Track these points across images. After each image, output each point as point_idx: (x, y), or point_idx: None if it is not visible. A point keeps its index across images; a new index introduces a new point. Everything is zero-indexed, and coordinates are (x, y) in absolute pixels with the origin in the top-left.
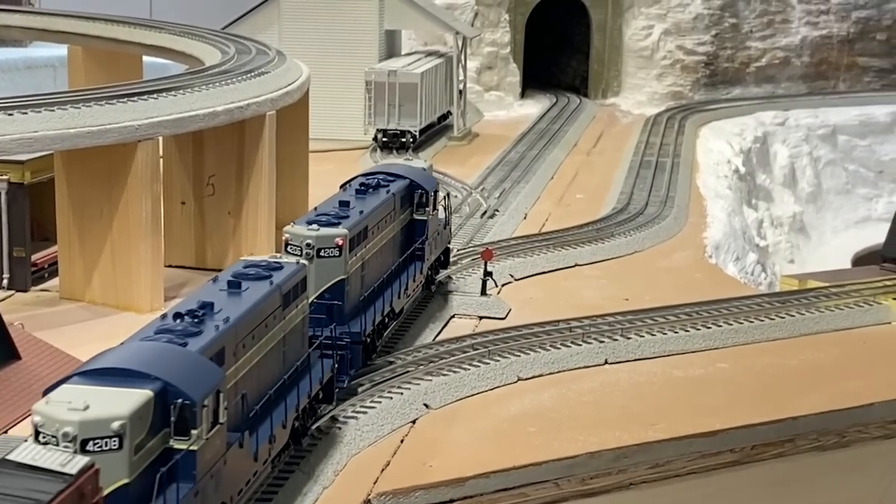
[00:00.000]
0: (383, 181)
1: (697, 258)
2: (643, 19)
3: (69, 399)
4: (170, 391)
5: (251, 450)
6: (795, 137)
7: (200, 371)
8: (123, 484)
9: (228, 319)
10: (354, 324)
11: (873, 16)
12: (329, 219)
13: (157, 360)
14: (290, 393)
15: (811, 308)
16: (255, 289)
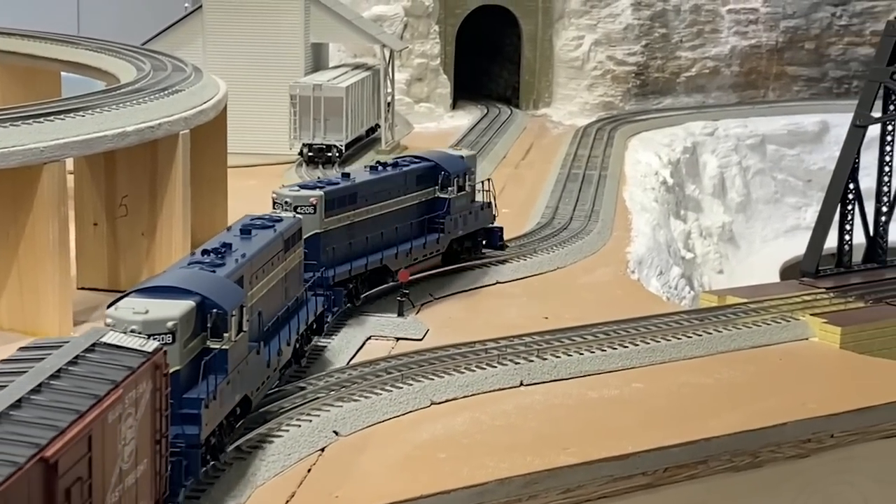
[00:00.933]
0: (403, 162)
1: (619, 274)
2: (574, 30)
3: (132, 306)
4: (206, 303)
5: (265, 357)
6: (725, 147)
7: (228, 290)
8: (175, 370)
9: (245, 255)
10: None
11: (801, 25)
12: (319, 184)
13: (196, 280)
14: (292, 319)
15: (729, 325)
16: (262, 235)
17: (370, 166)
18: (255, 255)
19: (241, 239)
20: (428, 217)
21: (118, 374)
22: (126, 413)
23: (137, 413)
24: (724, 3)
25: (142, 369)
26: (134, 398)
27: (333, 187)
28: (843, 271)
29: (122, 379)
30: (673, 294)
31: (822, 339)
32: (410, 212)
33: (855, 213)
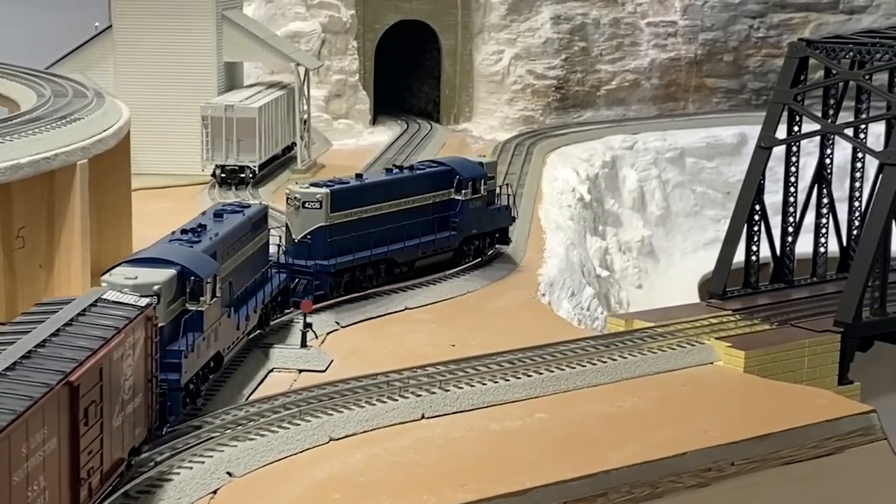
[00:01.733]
0: (419, 166)
1: (530, 297)
2: (493, 44)
3: (124, 273)
4: (186, 272)
5: (235, 321)
6: (644, 161)
7: (204, 261)
8: (160, 326)
9: (217, 234)
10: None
11: (720, 38)
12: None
13: (177, 253)
14: (259, 291)
15: (635, 350)
16: (232, 218)
17: (386, 168)
18: (227, 234)
19: (213, 221)
20: (442, 216)
21: (119, 322)
22: (126, 354)
23: (135, 355)
24: (644, 17)
25: (137, 319)
26: (132, 343)
27: (341, 186)
28: (751, 292)
29: (122, 326)
30: (585, 316)
31: (727, 364)
32: (422, 211)
33: (761, 234)
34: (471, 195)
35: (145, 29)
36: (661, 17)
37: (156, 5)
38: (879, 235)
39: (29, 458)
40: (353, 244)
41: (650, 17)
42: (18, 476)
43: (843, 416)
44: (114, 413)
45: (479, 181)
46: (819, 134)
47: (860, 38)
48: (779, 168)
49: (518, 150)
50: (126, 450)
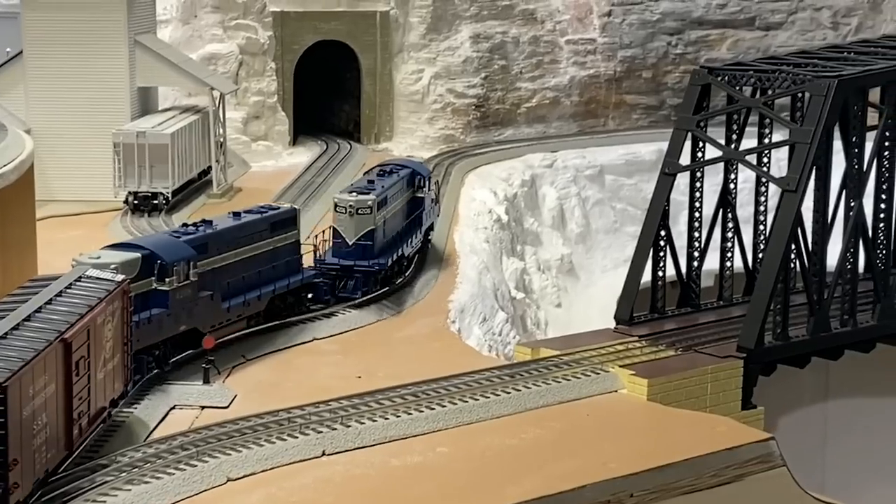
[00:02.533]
0: (395, 168)
1: (439, 325)
2: (413, 63)
3: (92, 255)
4: (154, 256)
5: (223, 305)
6: (564, 179)
7: (178, 249)
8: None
9: (216, 228)
10: (383, 258)
11: (638, 54)
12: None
13: (153, 241)
14: (269, 284)
15: (539, 380)
16: (248, 217)
17: (380, 172)
18: (228, 230)
19: (228, 218)
20: (413, 210)
21: (101, 294)
22: (107, 319)
23: (114, 321)
24: (563, 35)
25: (115, 292)
26: (111, 311)
27: (379, 194)
28: (658, 317)
29: (104, 296)
30: (496, 341)
31: (631, 392)
32: (405, 209)
33: (667, 260)
34: (427, 192)
35: (57, 55)
36: (581, 34)
37: (67, 31)
38: (780, 260)
39: (34, 397)
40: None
41: (569, 35)
42: (27, 411)
43: (742, 444)
44: (98, 367)
45: (429, 179)
46: (721, 160)
47: (761, 64)
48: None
49: (437, 170)
50: (108, 400)
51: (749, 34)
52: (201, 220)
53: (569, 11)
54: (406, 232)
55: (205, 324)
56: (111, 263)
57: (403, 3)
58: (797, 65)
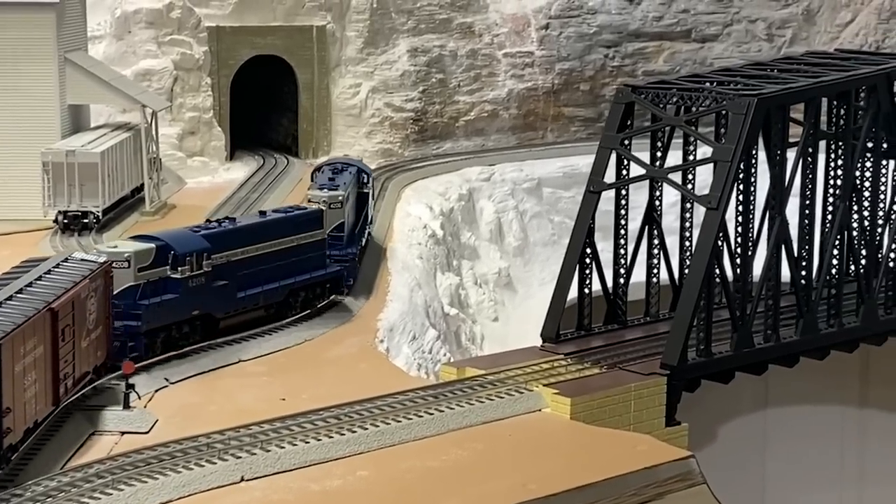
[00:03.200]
0: (346, 167)
1: (367, 345)
2: (350, 77)
3: (110, 245)
4: (169, 247)
5: (237, 293)
6: (501, 192)
7: (193, 242)
8: (130, 285)
9: (236, 225)
10: (352, 247)
11: (576, 67)
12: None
13: (171, 235)
14: (290, 277)
15: (463, 400)
16: (272, 216)
17: (333, 170)
18: (248, 227)
19: (254, 216)
20: (362, 205)
21: (85, 272)
22: (90, 294)
23: (96, 296)
24: (501, 48)
25: (97, 271)
26: (94, 287)
27: (343, 189)
28: (584, 334)
29: (87, 274)
30: (426, 359)
31: (554, 411)
32: (355, 203)
33: (593, 277)
34: (369, 188)
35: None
36: (518, 47)
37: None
38: (702, 277)
39: (25, 356)
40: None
41: (507, 48)
42: (18, 367)
43: (662, 463)
44: (82, 336)
45: (369, 176)
46: (645, 178)
47: (685, 83)
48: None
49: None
50: (91, 366)
51: (685, 46)
52: (225, 217)
53: (506, 24)
54: (359, 224)
55: (218, 310)
56: (125, 252)
57: (340, 17)
58: (720, 82)
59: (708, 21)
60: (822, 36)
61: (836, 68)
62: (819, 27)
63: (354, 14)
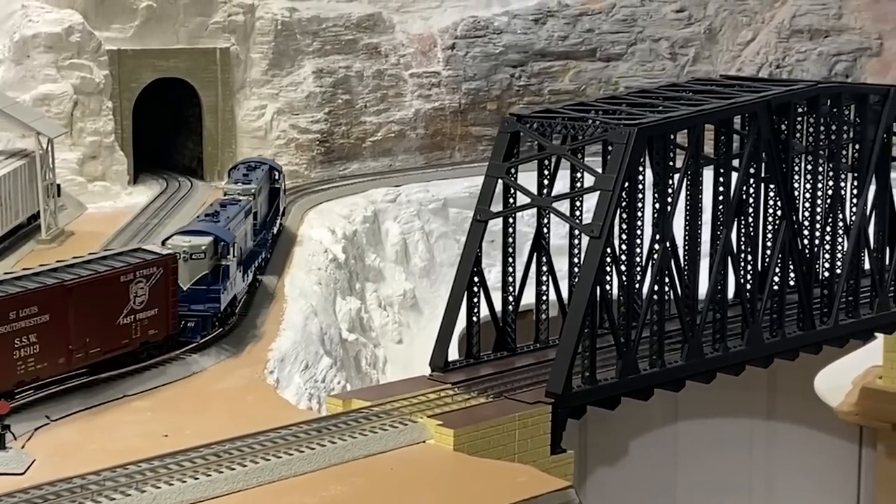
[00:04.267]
0: (257, 164)
1: (256, 377)
2: (255, 99)
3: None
4: (218, 238)
5: (242, 277)
6: (407, 213)
7: (227, 232)
8: (205, 273)
9: (228, 217)
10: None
11: (483, 87)
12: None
13: (211, 227)
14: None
15: (346, 434)
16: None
17: (247, 167)
18: (232, 217)
19: (223, 207)
20: (274, 197)
21: (132, 261)
22: (137, 280)
23: (147, 282)
24: (407, 68)
25: (154, 261)
26: (145, 274)
27: (256, 184)
28: (474, 362)
29: (134, 264)
30: (319, 388)
31: (438, 442)
32: (269, 196)
33: (481, 305)
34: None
35: None
36: (425, 67)
37: None
38: (585, 305)
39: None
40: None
41: (413, 69)
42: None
43: (541, 494)
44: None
45: (280, 173)
46: (531, 207)
47: (570, 111)
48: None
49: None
50: (139, 342)
51: (591, 65)
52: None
53: (413, 45)
54: (271, 213)
55: (239, 292)
56: (202, 244)
57: (244, 39)
58: (605, 111)
59: (612, 40)
60: (725, 54)
61: (719, 96)
62: (721, 46)
63: (259, 36)
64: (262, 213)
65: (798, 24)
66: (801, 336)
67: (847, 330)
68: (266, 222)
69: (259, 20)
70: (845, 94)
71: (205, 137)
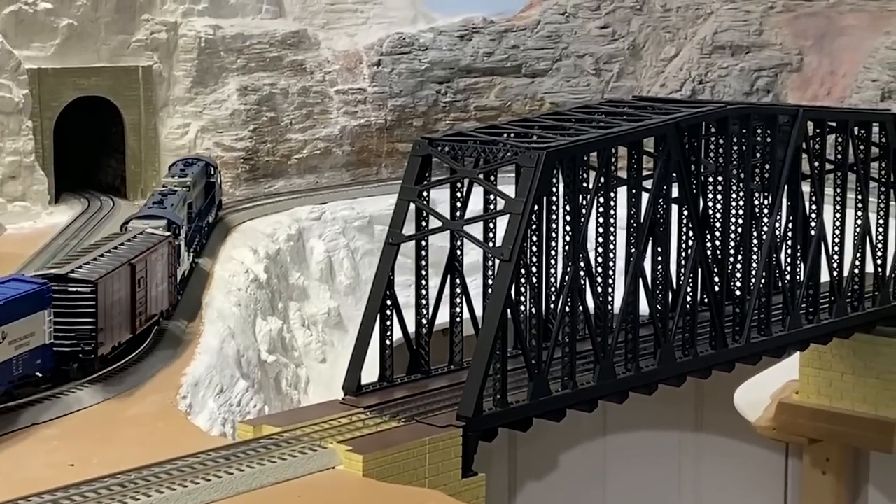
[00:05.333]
0: (194, 161)
1: (168, 403)
2: (179, 117)
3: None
4: (170, 221)
5: (188, 256)
6: (332, 231)
7: (177, 216)
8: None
9: (172, 203)
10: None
11: (409, 103)
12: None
13: (163, 212)
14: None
15: (255, 461)
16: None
17: (185, 163)
18: (175, 204)
19: (166, 196)
20: (210, 190)
21: (153, 242)
22: (157, 258)
23: (162, 260)
24: (333, 85)
25: (163, 241)
26: (161, 253)
27: (192, 177)
28: (387, 385)
29: (155, 243)
30: (234, 412)
31: (347, 468)
32: (205, 190)
33: (394, 327)
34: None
35: None
36: (351, 84)
37: None
38: (496, 327)
39: (113, 295)
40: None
41: (339, 85)
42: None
43: None
44: (152, 286)
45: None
46: (443, 230)
47: (482, 134)
48: None
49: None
50: (158, 310)
51: (516, 81)
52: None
53: (338, 62)
54: (206, 203)
55: (185, 269)
56: (159, 227)
57: (167, 56)
58: (518, 134)
59: (537, 56)
60: (649, 70)
61: (630, 118)
62: (645, 62)
63: (182, 54)
64: (198, 204)
65: (720, 40)
66: (714, 355)
67: (759, 348)
68: (201, 211)
69: (182, 38)
70: (754, 115)
71: (128, 156)
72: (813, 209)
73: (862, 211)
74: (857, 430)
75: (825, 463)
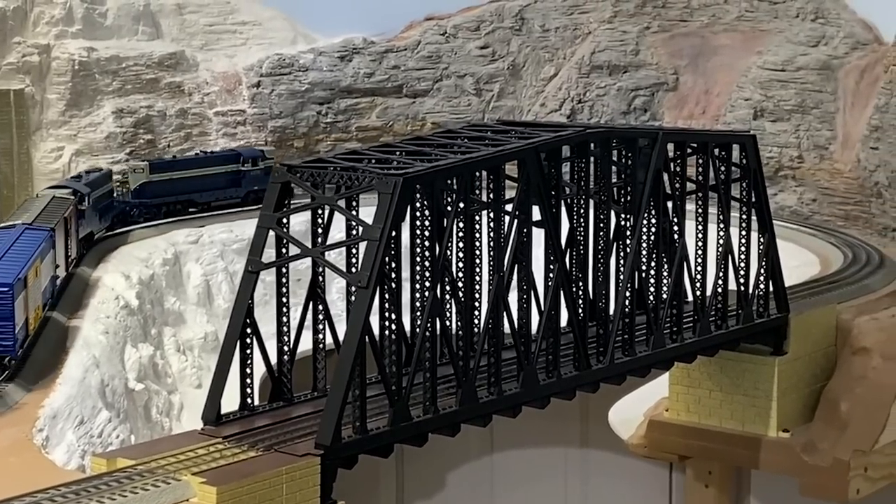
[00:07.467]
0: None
1: (22, 436)
2: (53, 141)
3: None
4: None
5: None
6: (210, 254)
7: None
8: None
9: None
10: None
11: (289, 124)
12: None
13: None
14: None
15: (105, 495)
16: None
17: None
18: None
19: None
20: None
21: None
22: (70, 216)
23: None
24: (212, 106)
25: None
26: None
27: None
28: (248, 414)
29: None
30: (94, 444)
31: (202, 500)
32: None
33: (255, 355)
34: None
35: None
36: (230, 105)
37: None
38: (354, 354)
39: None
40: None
41: (218, 107)
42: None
43: None
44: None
45: (256, 159)
46: (302, 257)
47: (342, 161)
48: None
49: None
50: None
51: (397, 101)
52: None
53: (217, 83)
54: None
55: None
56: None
57: (40, 79)
58: (378, 160)
59: (418, 77)
60: (528, 90)
61: (492, 142)
62: (525, 81)
63: (55, 76)
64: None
65: (598, 60)
66: (577, 376)
67: (623, 368)
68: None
69: (55, 60)
70: (614, 138)
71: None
72: (675, 230)
73: (724, 230)
74: (726, 447)
75: (708, 476)
